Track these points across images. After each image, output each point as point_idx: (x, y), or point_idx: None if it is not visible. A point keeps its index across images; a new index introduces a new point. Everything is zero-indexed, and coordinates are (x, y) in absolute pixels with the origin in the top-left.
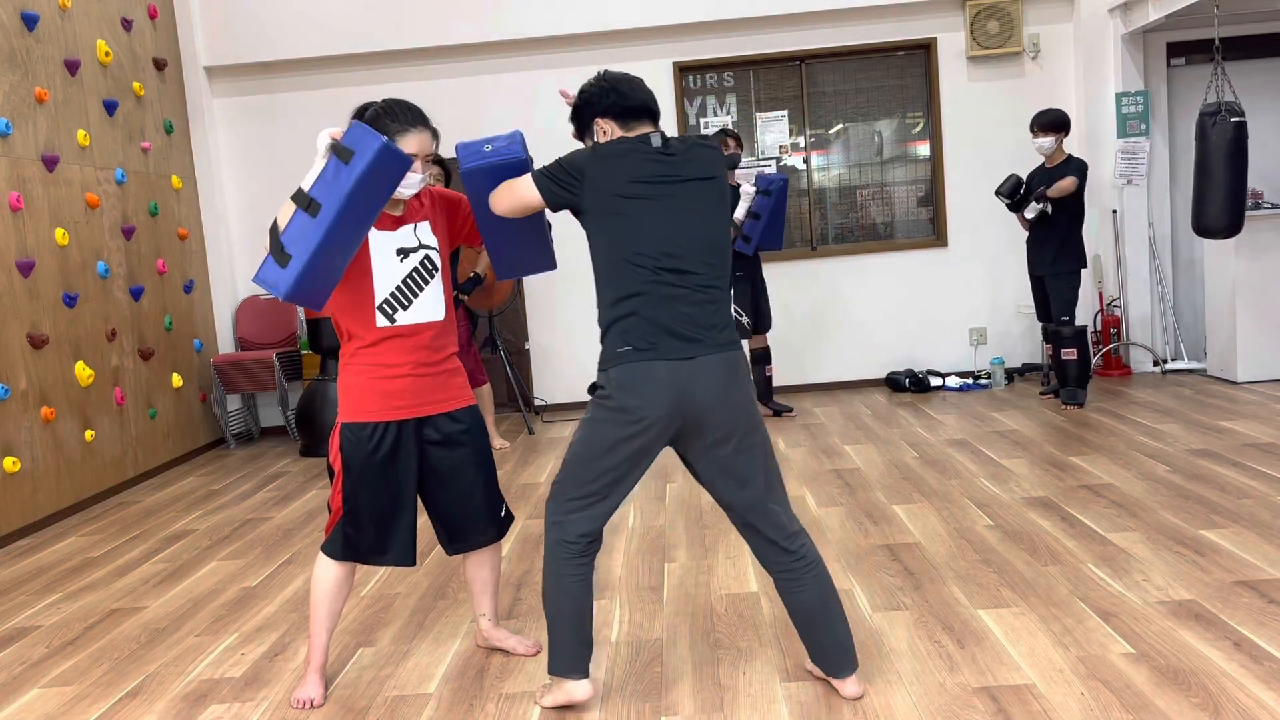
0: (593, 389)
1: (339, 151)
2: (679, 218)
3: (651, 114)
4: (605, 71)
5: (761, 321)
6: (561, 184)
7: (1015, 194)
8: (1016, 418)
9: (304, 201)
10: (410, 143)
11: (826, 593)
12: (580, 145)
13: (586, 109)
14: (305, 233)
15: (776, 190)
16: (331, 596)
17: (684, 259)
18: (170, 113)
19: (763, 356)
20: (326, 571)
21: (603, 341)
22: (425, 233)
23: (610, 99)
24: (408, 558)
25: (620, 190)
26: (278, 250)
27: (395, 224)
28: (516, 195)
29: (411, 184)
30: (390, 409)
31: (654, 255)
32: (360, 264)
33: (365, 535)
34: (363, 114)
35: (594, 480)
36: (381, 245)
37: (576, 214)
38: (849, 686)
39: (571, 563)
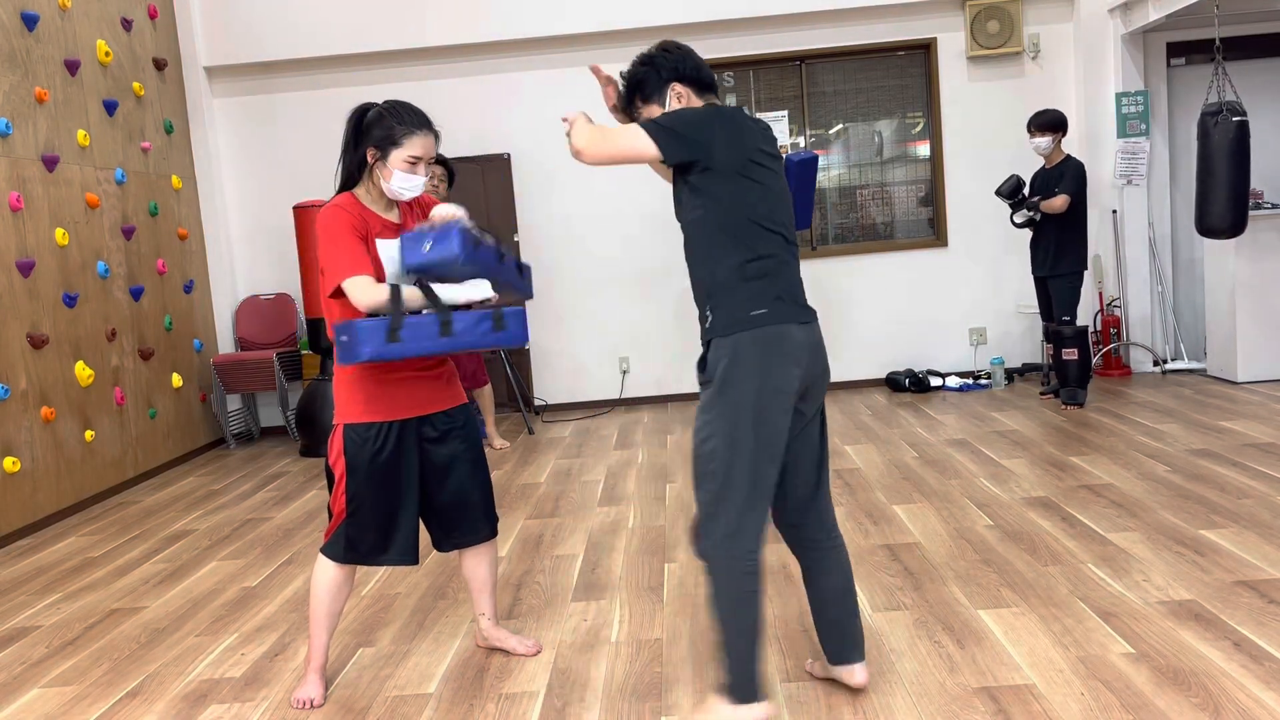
0: (706, 365)
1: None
2: (784, 192)
3: (716, 89)
4: (668, 40)
5: None
6: (687, 140)
7: (1015, 194)
8: (1016, 418)
9: (443, 314)
10: (415, 145)
11: (850, 574)
12: (618, 115)
13: (665, 70)
14: (421, 335)
15: (794, 166)
16: (332, 598)
17: (790, 231)
18: (170, 113)
19: None
20: (327, 574)
21: (716, 308)
22: (439, 212)
23: (691, 63)
24: (411, 556)
25: (752, 155)
26: (394, 329)
27: (396, 232)
28: (622, 147)
29: (414, 187)
30: (395, 408)
31: (782, 223)
32: (375, 273)
33: (368, 536)
34: (363, 115)
35: (763, 465)
36: (387, 253)
37: (692, 171)
38: (859, 673)
39: (754, 576)
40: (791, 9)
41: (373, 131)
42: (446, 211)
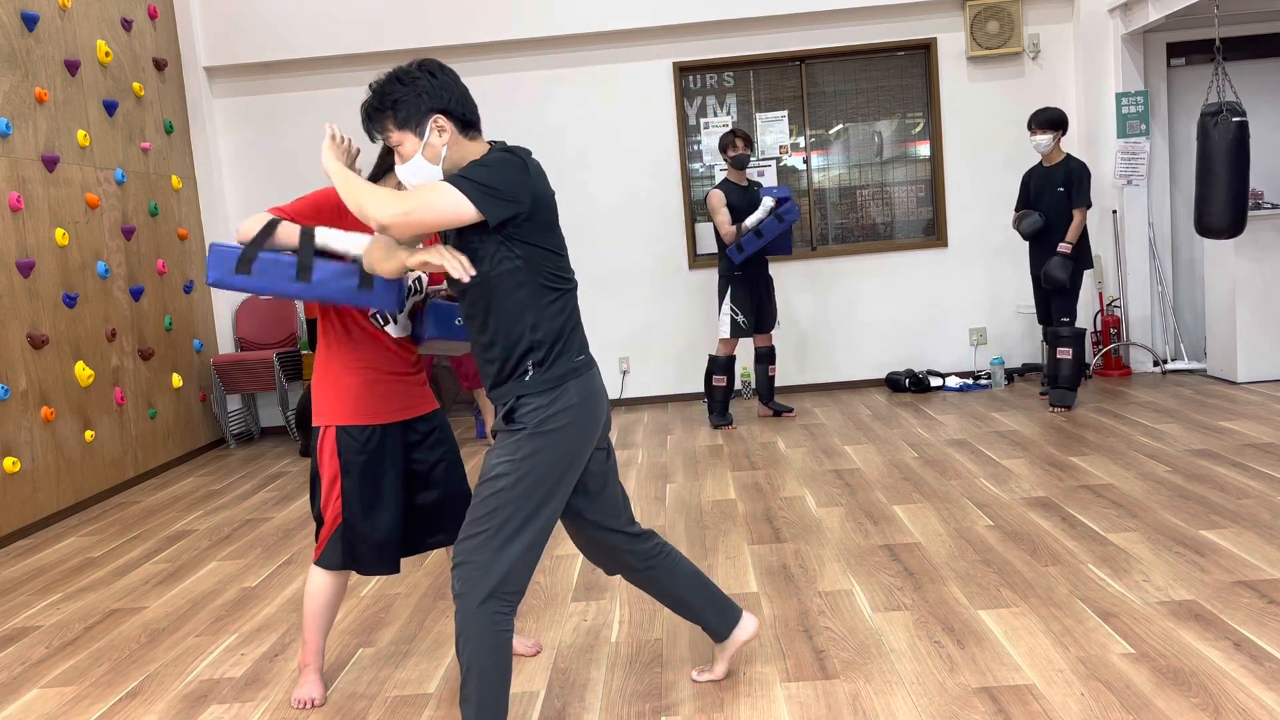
0: (514, 416)
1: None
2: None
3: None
4: (430, 60)
5: (764, 321)
6: (507, 200)
7: (1035, 235)
8: (1016, 418)
9: (305, 258)
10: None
11: (683, 556)
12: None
13: (429, 97)
14: (275, 273)
15: (789, 220)
16: (327, 605)
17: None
18: (170, 113)
19: (766, 355)
20: (323, 582)
21: (543, 360)
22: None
23: (457, 94)
24: (395, 565)
25: (551, 202)
26: (246, 259)
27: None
28: (442, 214)
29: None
30: (381, 412)
31: (570, 270)
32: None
33: (365, 541)
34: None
35: (552, 515)
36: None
37: (507, 225)
38: (749, 621)
39: (510, 616)
40: (791, 9)
41: None
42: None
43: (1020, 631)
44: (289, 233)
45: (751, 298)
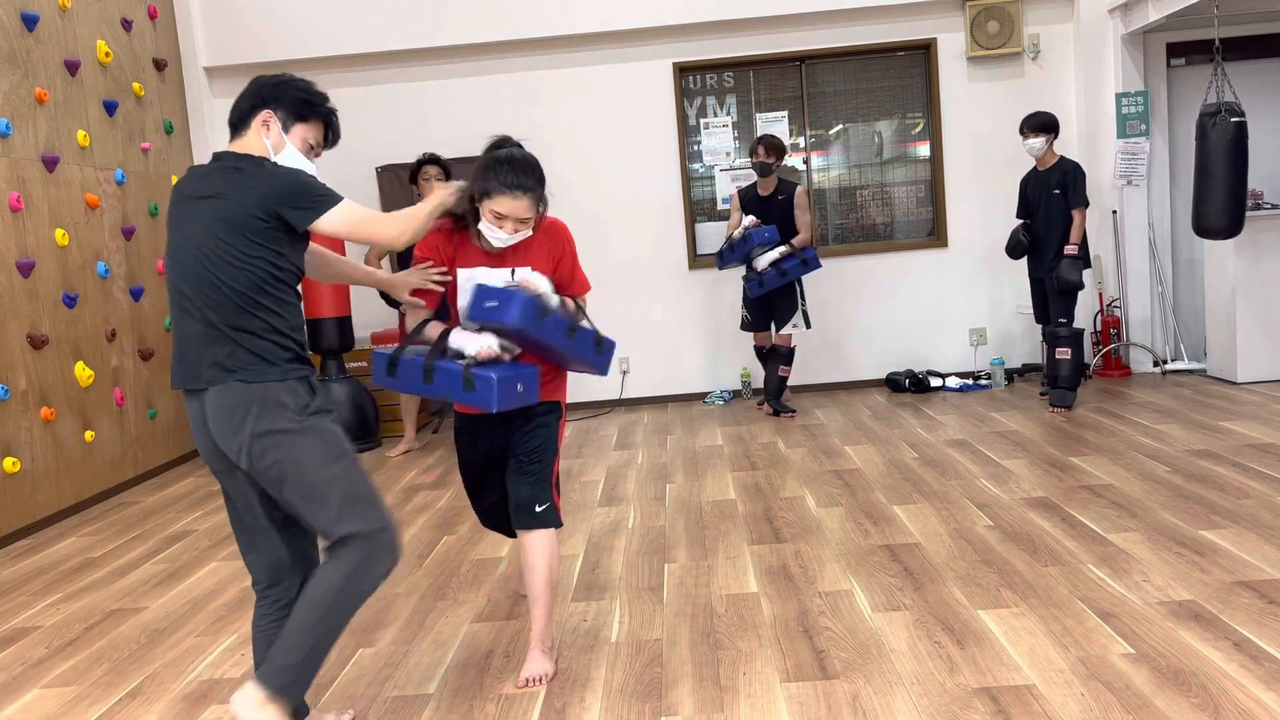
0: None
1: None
2: None
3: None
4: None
5: (775, 320)
6: None
7: (1022, 252)
8: (1016, 418)
9: (429, 362)
10: (500, 203)
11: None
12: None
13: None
14: (409, 375)
15: (790, 276)
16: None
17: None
18: (170, 113)
19: (779, 355)
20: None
21: (272, 354)
22: (524, 276)
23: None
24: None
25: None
26: (393, 362)
27: (493, 262)
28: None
29: (498, 238)
30: None
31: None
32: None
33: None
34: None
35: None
36: (466, 282)
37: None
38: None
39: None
40: (791, 9)
41: (477, 176)
42: (528, 278)
43: (1020, 632)
44: (432, 330)
45: (758, 298)
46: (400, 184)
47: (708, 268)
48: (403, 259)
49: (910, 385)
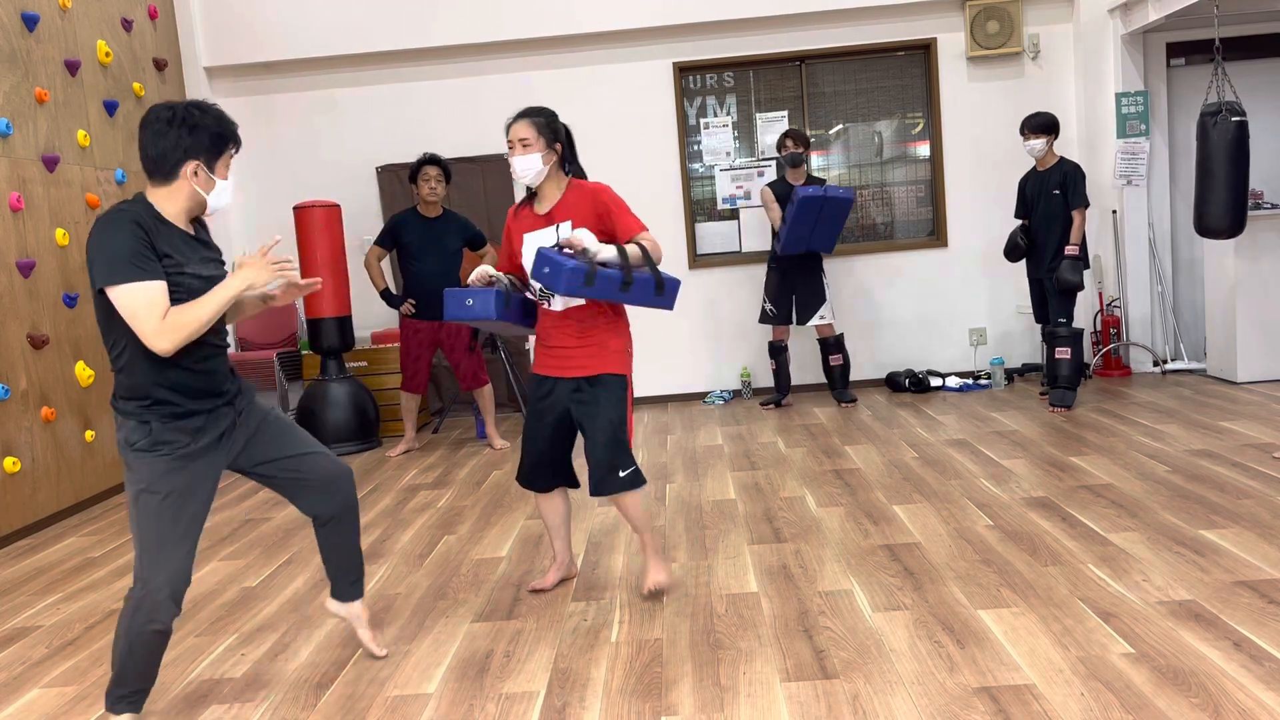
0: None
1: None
2: None
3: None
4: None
5: (799, 313)
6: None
7: (1019, 254)
8: (1016, 418)
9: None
10: (507, 132)
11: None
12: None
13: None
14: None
15: (798, 201)
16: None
17: None
18: None
19: (827, 345)
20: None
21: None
22: (567, 230)
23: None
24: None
25: None
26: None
27: (542, 222)
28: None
29: (514, 167)
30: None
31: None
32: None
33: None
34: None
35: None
36: (529, 245)
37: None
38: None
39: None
40: (791, 9)
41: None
42: (573, 234)
43: (1020, 631)
44: (607, 249)
45: (781, 288)
46: (400, 183)
47: (708, 267)
48: (454, 257)
49: (910, 385)
